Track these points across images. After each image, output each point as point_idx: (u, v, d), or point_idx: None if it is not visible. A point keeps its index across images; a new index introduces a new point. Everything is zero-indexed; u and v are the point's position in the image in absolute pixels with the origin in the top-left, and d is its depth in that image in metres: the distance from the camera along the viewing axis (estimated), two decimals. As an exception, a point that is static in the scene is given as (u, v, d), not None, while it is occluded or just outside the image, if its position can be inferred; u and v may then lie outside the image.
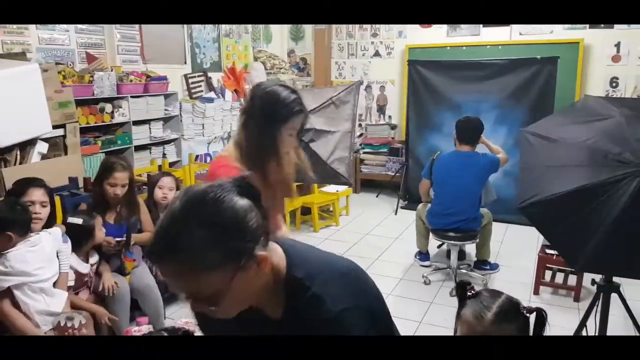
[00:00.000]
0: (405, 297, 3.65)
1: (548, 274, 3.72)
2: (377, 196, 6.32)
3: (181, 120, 4.84)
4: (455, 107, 5.51)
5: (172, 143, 4.84)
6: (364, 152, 6.43)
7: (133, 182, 3.02)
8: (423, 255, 4.15)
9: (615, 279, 2.41)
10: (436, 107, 5.69)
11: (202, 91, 5.27)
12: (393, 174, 6.12)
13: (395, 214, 5.63)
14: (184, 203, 0.92)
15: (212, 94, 5.27)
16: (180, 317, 3.04)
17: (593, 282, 2.47)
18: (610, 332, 2.51)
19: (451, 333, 3.21)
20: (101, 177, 2.91)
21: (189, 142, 4.97)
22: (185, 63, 5.16)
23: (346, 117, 2.95)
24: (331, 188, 5.56)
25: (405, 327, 3.19)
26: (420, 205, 4.08)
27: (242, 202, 0.93)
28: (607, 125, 2.26)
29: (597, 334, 2.45)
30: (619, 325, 3.00)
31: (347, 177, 2.98)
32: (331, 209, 5.42)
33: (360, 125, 6.64)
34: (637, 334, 2.45)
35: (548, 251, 3.58)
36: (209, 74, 5.39)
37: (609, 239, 2.09)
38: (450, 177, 3.70)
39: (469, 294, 1.46)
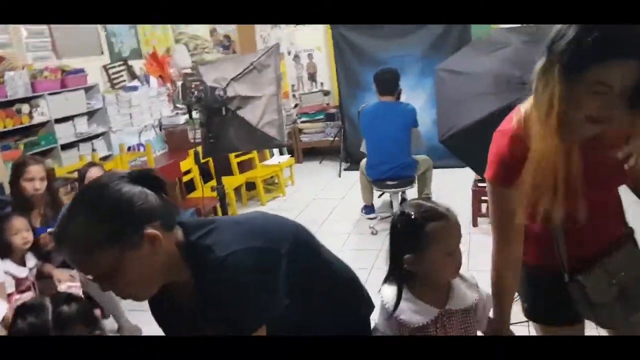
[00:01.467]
0: (355, 249, 3.78)
1: (484, 207, 3.94)
2: (320, 163, 6.41)
3: (107, 113, 4.68)
4: (381, 64, 5.56)
5: (101, 137, 4.67)
6: (302, 122, 6.48)
7: (51, 179, 2.94)
8: (368, 208, 4.29)
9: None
10: (363, 67, 5.79)
11: (124, 80, 5.12)
12: (332, 138, 6.21)
13: (339, 176, 5.74)
14: (80, 190, 1.06)
15: (135, 82, 5.13)
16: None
17: (517, 201, 2.65)
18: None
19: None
20: (16, 175, 2.81)
21: (118, 135, 4.80)
22: (102, 53, 4.99)
23: (270, 80, 2.96)
24: (274, 160, 5.60)
25: (360, 274, 3.28)
26: (362, 161, 4.20)
27: (129, 188, 1.01)
28: (508, 52, 2.40)
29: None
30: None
31: (280, 139, 3.00)
32: (276, 180, 5.46)
33: (294, 96, 6.67)
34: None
35: (480, 184, 3.78)
36: (130, 62, 5.23)
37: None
38: (375, 128, 3.83)
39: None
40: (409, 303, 1.37)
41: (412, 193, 4.28)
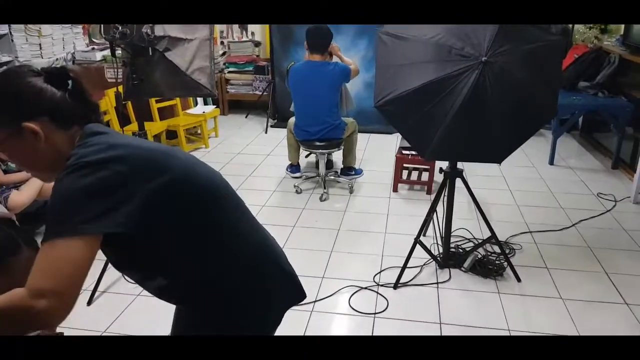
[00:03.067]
0: (279, 206, 3.78)
1: (405, 174, 4.10)
2: (246, 117, 6.26)
3: (12, 40, 4.27)
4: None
5: (5, 67, 4.18)
6: (229, 72, 6.24)
7: None
8: (294, 167, 4.28)
9: (460, 167, 2.74)
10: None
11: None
12: (260, 93, 6.06)
13: (266, 132, 5.65)
14: None
15: (47, 8, 4.61)
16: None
17: (441, 170, 2.77)
18: (456, 214, 2.89)
19: (325, 232, 3.40)
20: None
21: None
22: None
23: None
24: (197, 109, 5.37)
25: (282, 231, 3.34)
26: (291, 119, 4.14)
27: (30, 80, 1.07)
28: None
29: (444, 216, 2.80)
30: (463, 210, 3.46)
31: (209, 88, 2.86)
32: (199, 131, 5.26)
33: (222, 43, 6.37)
34: (479, 215, 2.82)
35: (404, 152, 3.91)
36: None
37: (452, 128, 2.34)
38: (304, 87, 3.78)
39: None
40: None
41: (337, 155, 4.35)
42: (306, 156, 4.60)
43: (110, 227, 0.99)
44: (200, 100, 5.66)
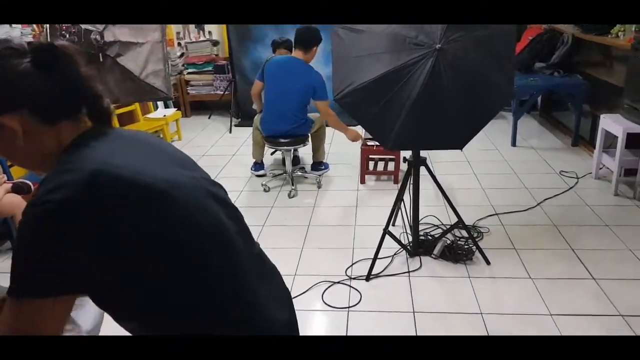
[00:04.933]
0: (248, 206, 3.73)
1: (372, 165, 4.11)
2: (209, 118, 6.16)
3: None
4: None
5: None
6: (189, 73, 6.12)
7: None
8: (258, 165, 4.23)
9: (423, 155, 2.74)
10: (255, 18, 5.56)
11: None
12: (222, 92, 5.97)
13: (230, 132, 5.58)
14: None
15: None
16: None
17: (404, 159, 2.78)
18: (423, 202, 2.90)
19: (295, 229, 3.36)
20: None
21: None
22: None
23: (154, 26, 2.71)
24: (158, 113, 5.25)
25: (252, 231, 3.27)
26: (256, 116, 4.09)
27: (10, 63, 0.87)
28: (403, 12, 2.44)
29: (411, 204, 2.81)
30: (430, 197, 3.49)
31: (165, 91, 2.80)
32: (161, 135, 5.14)
33: (179, 44, 6.24)
34: (445, 201, 2.84)
35: (369, 143, 3.91)
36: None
37: (411, 116, 2.34)
38: (279, 80, 3.74)
39: None
40: None
41: (306, 150, 4.31)
42: (272, 153, 4.55)
43: (74, 289, 0.85)
44: (160, 103, 5.53)
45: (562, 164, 4.17)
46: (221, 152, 4.94)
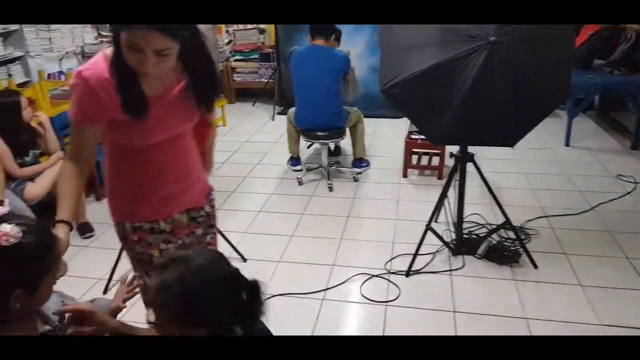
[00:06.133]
0: (287, 193, 3.74)
1: (415, 159, 4.01)
2: (253, 105, 6.20)
3: (23, 35, 4.34)
4: (322, 5, 5.40)
5: (17, 62, 4.37)
6: (235, 60, 6.16)
7: None
8: (294, 160, 4.20)
9: (471, 151, 2.65)
10: (303, 6, 5.53)
11: None
12: (267, 80, 5.99)
13: (273, 120, 5.59)
14: None
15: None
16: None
17: (451, 154, 2.69)
18: (468, 200, 2.81)
19: (334, 220, 3.34)
20: None
21: (36, 60, 4.49)
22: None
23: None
24: (204, 99, 5.31)
25: (291, 219, 3.31)
26: (291, 109, 4.06)
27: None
28: (458, 1, 2.35)
29: (456, 201, 2.73)
30: (475, 195, 3.38)
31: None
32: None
33: (227, 31, 6.29)
34: (492, 200, 2.74)
35: (413, 136, 3.82)
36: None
37: (461, 110, 2.26)
38: (305, 71, 3.70)
39: None
40: None
41: (344, 144, 4.26)
42: (308, 147, 4.51)
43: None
44: (207, 89, 5.60)
45: (619, 167, 3.95)
46: (264, 139, 4.96)
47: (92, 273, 2.73)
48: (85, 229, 3.16)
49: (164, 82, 1.44)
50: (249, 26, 6.26)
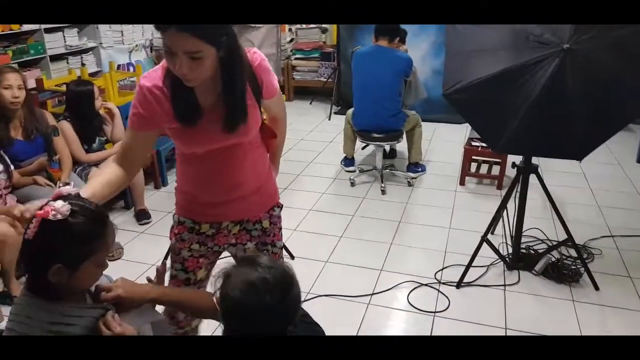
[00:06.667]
0: (338, 194, 3.73)
1: (474, 167, 3.89)
2: (310, 103, 6.23)
3: (97, 27, 4.60)
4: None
5: (91, 52, 4.64)
6: (296, 58, 6.21)
7: (28, 90, 2.87)
8: (348, 160, 4.18)
9: (534, 162, 2.53)
10: (367, 6, 5.49)
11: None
12: (325, 79, 6.00)
13: (329, 119, 5.60)
14: None
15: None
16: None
17: (513, 165, 2.58)
18: (528, 213, 2.68)
19: (385, 224, 3.30)
20: None
21: (108, 51, 4.73)
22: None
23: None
24: (263, 96, 5.39)
25: (341, 220, 3.30)
26: (350, 110, 4.04)
27: None
28: (530, 5, 2.25)
29: (516, 214, 2.62)
30: (536, 208, 3.23)
31: (275, 75, 2.84)
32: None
33: (290, 30, 6.36)
34: (554, 215, 2.61)
35: (473, 143, 3.70)
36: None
37: (528, 120, 2.16)
38: (366, 70, 3.67)
39: None
40: None
41: (400, 147, 4.18)
42: (362, 148, 4.47)
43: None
44: (266, 86, 5.68)
45: (697, 188, 3.67)
46: (319, 137, 4.97)
47: (147, 259, 2.83)
48: (143, 216, 3.28)
49: (216, 92, 1.40)
50: (312, 25, 6.30)
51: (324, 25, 6.26)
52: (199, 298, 1.35)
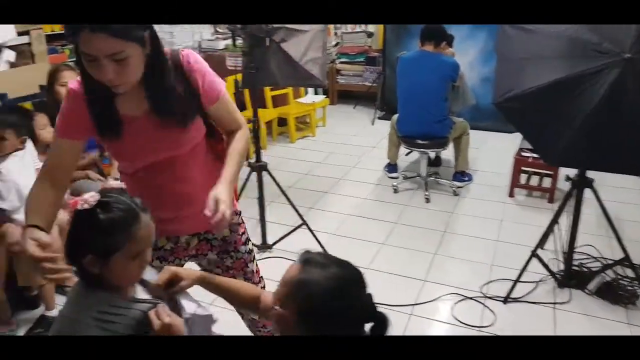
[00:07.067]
0: (380, 200, 3.68)
1: (524, 178, 3.76)
2: (354, 107, 6.20)
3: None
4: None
5: None
6: (340, 62, 6.21)
7: None
8: (391, 167, 4.12)
9: (590, 176, 2.42)
10: (415, 11, 5.42)
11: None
12: (370, 84, 5.96)
13: (372, 124, 5.55)
14: None
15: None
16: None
17: (567, 178, 2.48)
18: (582, 229, 2.57)
19: (429, 233, 3.23)
20: (51, 82, 2.83)
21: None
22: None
23: (319, 14, 2.75)
24: (307, 99, 5.42)
25: (383, 227, 3.27)
26: (395, 115, 3.99)
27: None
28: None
29: (569, 230, 2.51)
30: (590, 224, 3.08)
31: (321, 78, 2.83)
32: (308, 120, 5.31)
33: (335, 34, 6.35)
34: (609, 232, 2.49)
35: (524, 154, 3.58)
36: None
37: (584, 132, 2.07)
38: (411, 75, 3.63)
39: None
40: None
41: (446, 155, 4.09)
42: (406, 154, 4.41)
43: None
44: (311, 89, 5.70)
45: None
46: (361, 142, 4.94)
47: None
48: None
49: (140, 99, 1.26)
50: (358, 29, 6.27)
51: (369, 30, 6.22)
52: (242, 288, 1.33)
